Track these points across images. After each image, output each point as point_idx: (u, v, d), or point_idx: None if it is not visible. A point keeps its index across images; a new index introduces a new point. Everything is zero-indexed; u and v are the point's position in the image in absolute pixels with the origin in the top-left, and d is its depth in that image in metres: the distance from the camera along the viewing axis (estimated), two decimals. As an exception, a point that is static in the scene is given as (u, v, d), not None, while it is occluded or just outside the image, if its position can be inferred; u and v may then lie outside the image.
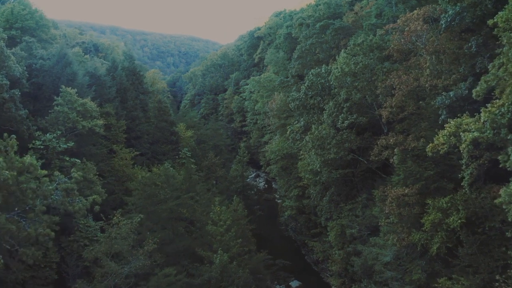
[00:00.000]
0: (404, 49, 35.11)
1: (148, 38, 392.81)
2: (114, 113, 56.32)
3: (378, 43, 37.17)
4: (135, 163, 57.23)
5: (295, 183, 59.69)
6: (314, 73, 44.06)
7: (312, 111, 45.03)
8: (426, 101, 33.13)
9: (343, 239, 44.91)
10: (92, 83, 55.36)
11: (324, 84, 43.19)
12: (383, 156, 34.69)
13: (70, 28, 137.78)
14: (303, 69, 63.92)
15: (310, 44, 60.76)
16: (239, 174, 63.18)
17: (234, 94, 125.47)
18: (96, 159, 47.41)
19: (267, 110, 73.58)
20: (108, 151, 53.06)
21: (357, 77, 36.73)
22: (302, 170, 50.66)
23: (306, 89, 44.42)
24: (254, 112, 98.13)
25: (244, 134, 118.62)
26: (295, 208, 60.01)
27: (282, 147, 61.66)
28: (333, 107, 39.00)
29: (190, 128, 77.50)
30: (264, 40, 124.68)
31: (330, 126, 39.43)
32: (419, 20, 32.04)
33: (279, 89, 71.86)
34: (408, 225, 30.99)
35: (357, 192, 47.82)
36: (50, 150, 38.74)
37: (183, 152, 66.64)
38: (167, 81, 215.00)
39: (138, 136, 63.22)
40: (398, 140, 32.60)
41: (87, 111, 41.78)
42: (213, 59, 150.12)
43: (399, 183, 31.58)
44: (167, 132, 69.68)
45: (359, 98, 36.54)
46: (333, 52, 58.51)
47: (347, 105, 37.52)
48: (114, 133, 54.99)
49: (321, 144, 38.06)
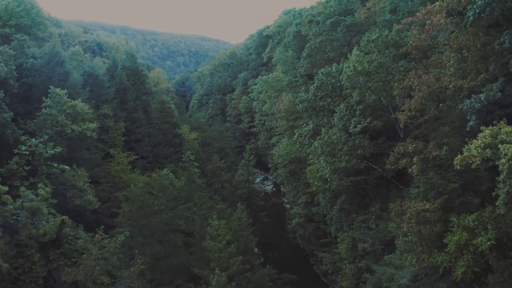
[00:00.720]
0: (424, 45, 31.46)
1: (159, 38, 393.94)
2: (112, 114, 53.46)
3: (394, 40, 33.56)
4: (134, 167, 54.32)
5: (303, 189, 56.27)
6: (324, 72, 40.58)
7: (321, 114, 41.61)
8: (447, 104, 29.56)
9: (354, 252, 41.40)
10: (89, 83, 52.71)
11: (334, 84, 39.70)
12: (400, 165, 31.11)
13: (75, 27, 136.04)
14: (313, 68, 60.42)
15: (320, 42, 57.21)
16: (244, 179, 59.85)
17: (242, 94, 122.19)
18: (90, 164, 44.53)
19: (275, 112, 70.18)
20: (104, 155, 50.22)
21: (371, 76, 33.19)
22: (311, 177, 47.23)
23: (315, 90, 40.96)
24: (262, 113, 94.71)
25: (252, 135, 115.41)
26: (304, 216, 56.62)
27: (290, 150, 58.25)
28: (344, 109, 35.49)
29: (195, 130, 74.31)
30: (273, 38, 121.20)
31: (341, 130, 35.94)
32: (442, 13, 28.39)
33: (287, 89, 68.37)
34: (428, 245, 27.40)
35: (369, 201, 44.25)
36: (37, 156, 35.78)
37: (186, 156, 63.42)
38: (177, 81, 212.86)
39: (138, 138, 60.28)
40: (417, 147, 28.99)
41: (78, 114, 38.75)
42: (221, 59, 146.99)
43: (418, 197, 28.01)
44: (170, 134, 66.60)
45: (374, 100, 33.02)
46: (345, 50, 54.97)
47: (360, 107, 33.99)
48: (112, 136, 52.11)
49: (331, 150, 34.59)
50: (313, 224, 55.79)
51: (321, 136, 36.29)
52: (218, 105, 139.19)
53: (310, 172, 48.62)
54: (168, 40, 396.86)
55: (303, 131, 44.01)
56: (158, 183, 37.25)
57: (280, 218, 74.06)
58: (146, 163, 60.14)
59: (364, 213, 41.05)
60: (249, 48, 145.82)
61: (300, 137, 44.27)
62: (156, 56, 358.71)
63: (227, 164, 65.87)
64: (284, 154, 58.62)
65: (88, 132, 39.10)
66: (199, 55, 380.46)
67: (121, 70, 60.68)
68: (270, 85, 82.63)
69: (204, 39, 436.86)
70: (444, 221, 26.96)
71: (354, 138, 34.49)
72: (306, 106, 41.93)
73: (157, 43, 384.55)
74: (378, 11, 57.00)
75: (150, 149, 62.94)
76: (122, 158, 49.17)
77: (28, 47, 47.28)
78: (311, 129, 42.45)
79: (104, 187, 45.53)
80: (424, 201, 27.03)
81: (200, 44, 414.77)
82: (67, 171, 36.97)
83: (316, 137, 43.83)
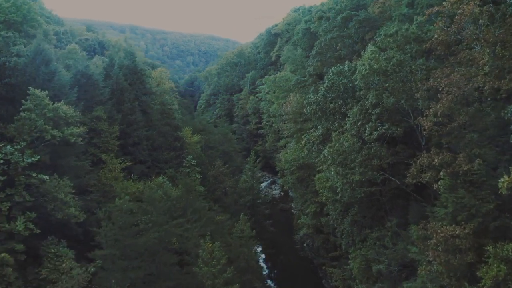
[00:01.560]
0: (451, 40, 27.04)
1: (168, 37, 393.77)
2: (106, 117, 49.63)
3: (415, 34, 29.15)
4: (131, 173, 50.52)
5: (311, 197, 52.00)
6: (335, 71, 36.30)
7: (332, 117, 37.30)
8: (478, 108, 25.20)
9: (367, 273, 37.03)
10: (82, 83, 49.04)
11: (347, 84, 35.41)
12: (423, 179, 26.73)
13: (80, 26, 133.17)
14: (322, 67, 56.10)
15: (330, 39, 52.88)
16: (249, 186, 55.71)
17: (249, 94, 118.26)
18: (78, 172, 40.72)
19: (282, 113, 66.00)
20: (96, 161, 46.42)
21: (389, 76, 28.85)
22: (320, 186, 43.02)
23: (325, 91, 36.66)
24: (269, 114, 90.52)
25: (259, 137, 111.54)
26: (312, 227, 52.41)
27: (297, 155, 53.97)
28: (358, 113, 31.17)
29: (199, 132, 70.24)
30: (281, 37, 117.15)
31: (354, 136, 31.59)
32: (475, 1, 23.95)
33: (295, 89, 64.07)
34: (457, 276, 23.06)
35: (385, 213, 39.90)
36: (13, 165, 32.01)
37: (187, 160, 59.55)
38: (185, 81, 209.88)
39: (136, 142, 56.31)
40: (444, 159, 24.57)
41: (60, 118, 34.93)
42: (229, 58, 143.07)
43: (446, 218, 23.67)
44: (170, 137, 62.71)
45: (392, 102, 28.63)
46: (357, 47, 50.65)
47: (376, 111, 29.66)
48: (105, 140, 48.21)
49: (343, 160, 30.33)
50: (322, 236, 51.55)
51: (331, 144, 31.97)
52: (226, 106, 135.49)
53: (319, 181, 44.42)
54: (178, 39, 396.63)
55: (311, 137, 39.77)
56: (147, 196, 33.21)
57: (288, 226, 69.96)
58: (144, 168, 56.22)
59: (379, 229, 36.77)
60: (257, 47, 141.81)
61: (308, 143, 39.97)
62: (166, 56, 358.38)
63: (230, 169, 61.75)
64: (291, 159, 54.42)
65: (71, 138, 35.16)
66: (209, 54, 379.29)
67: (118, 69, 56.87)
68: (277, 85, 78.43)
69: (214, 39, 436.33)
70: (477, 248, 22.65)
71: (369, 147, 30.16)
72: (315, 108, 37.66)
73: (166, 43, 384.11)
74: (393, 5, 52.56)
75: (149, 153, 59.03)
76: (115, 165, 45.24)
77: (14, 45, 43.76)
78: (320, 134, 38.20)
79: (93, 196, 41.68)
80: (453, 225, 22.69)
81: (209, 44, 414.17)
82: (47, 182, 33.11)
83: (326, 143, 39.71)
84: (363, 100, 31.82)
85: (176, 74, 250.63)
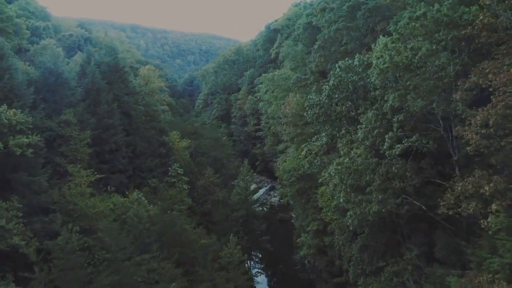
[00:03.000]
0: (500, 24, 20.13)
1: (169, 36, 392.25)
2: (77, 121, 42.89)
3: (450, 17, 22.18)
4: (108, 184, 43.87)
5: (313, 213, 45.16)
6: (343, 66, 29.42)
7: (338, 123, 30.38)
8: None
9: (383, 314, 30.28)
10: (50, 82, 42.66)
11: (357, 83, 28.52)
12: (463, 211, 19.80)
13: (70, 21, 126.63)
14: (326, 64, 49.11)
15: (335, 31, 45.89)
16: (242, 199, 48.80)
17: (248, 94, 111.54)
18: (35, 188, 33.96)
19: (281, 116, 59.10)
20: (63, 174, 39.71)
21: (416, 71, 21.91)
22: (324, 204, 36.21)
23: (331, 90, 29.77)
24: (268, 115, 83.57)
25: (258, 139, 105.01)
26: (314, 247, 45.53)
27: (297, 164, 47.01)
28: (373, 119, 24.26)
29: (189, 136, 63.28)
30: (281, 33, 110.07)
31: (368, 149, 24.66)
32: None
33: (295, 89, 57.07)
34: None
35: (401, 238, 33.03)
36: None
37: (173, 169, 52.78)
38: (185, 80, 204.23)
39: (114, 149, 49.42)
40: (498, 187, 17.65)
41: (3, 125, 28.15)
42: (226, 55, 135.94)
43: (502, 272, 16.79)
44: (155, 142, 55.81)
45: (421, 106, 21.68)
46: (367, 40, 43.71)
47: (399, 117, 22.73)
48: (74, 148, 41.43)
49: (355, 182, 23.34)
50: (326, 258, 44.73)
51: (339, 160, 24.97)
52: (223, 106, 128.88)
53: (322, 197, 37.64)
54: (179, 38, 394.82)
55: (313, 146, 32.83)
56: (103, 227, 26.34)
57: (287, 238, 63.09)
58: (123, 178, 49.40)
59: (396, 261, 29.89)
60: (256, 44, 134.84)
61: (310, 154, 33.03)
62: (166, 55, 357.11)
63: (222, 179, 54.84)
64: (290, 169, 47.52)
65: (17, 150, 28.37)
66: (210, 53, 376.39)
67: (94, 67, 49.93)
68: (276, 84, 71.39)
69: (215, 38, 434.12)
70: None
71: (389, 163, 23.20)
72: (318, 112, 30.67)
73: (167, 42, 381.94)
74: (408, -9, 45.50)
75: (130, 161, 52.20)
76: (82, 178, 38.43)
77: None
78: (324, 143, 31.24)
79: (52, 217, 34.86)
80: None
81: (210, 43, 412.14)
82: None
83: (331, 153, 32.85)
84: (380, 102, 24.87)
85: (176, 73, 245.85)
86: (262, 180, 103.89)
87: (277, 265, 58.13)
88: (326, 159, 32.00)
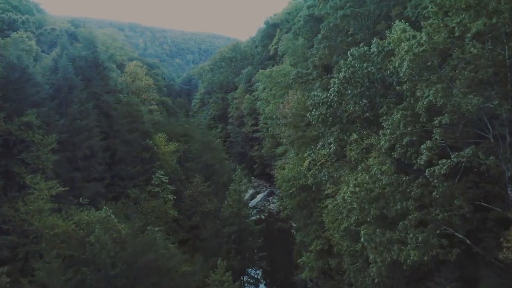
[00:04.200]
0: None
1: (168, 35, 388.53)
2: (41, 123, 36.67)
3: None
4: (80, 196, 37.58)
5: (317, 230, 38.79)
6: (357, 54, 22.91)
7: (350, 127, 23.97)
8: None
9: None
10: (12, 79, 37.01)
11: (374, 75, 22.12)
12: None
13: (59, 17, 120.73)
14: (331, 56, 42.71)
15: (341, 17, 39.50)
16: (234, 213, 42.41)
17: (245, 93, 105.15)
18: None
19: (279, 117, 52.77)
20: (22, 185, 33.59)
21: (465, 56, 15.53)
22: (330, 225, 29.86)
23: (341, 85, 23.27)
24: (266, 115, 77.14)
25: (256, 141, 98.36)
26: (317, 270, 39.19)
27: (298, 172, 40.66)
28: (402, 124, 17.76)
29: (178, 139, 56.83)
30: (281, 28, 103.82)
31: (395, 164, 18.21)
32: None
33: (295, 85, 50.59)
34: None
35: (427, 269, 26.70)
36: None
37: (157, 177, 46.57)
38: (183, 79, 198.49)
39: (88, 155, 43.14)
40: None
41: None
42: (223, 52, 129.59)
43: None
44: (137, 146, 49.53)
45: (476, 105, 15.29)
46: (379, 27, 37.39)
47: (443, 120, 16.28)
48: (35, 155, 35.16)
49: (379, 214, 16.90)
50: (332, 283, 38.32)
51: (357, 181, 18.46)
52: (220, 105, 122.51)
53: (327, 214, 31.31)
54: (178, 37, 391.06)
55: (317, 157, 26.39)
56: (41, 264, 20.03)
57: (287, 253, 56.82)
58: (100, 188, 43.23)
59: (425, 300, 23.58)
60: (254, 41, 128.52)
61: (314, 165, 26.59)
62: (165, 54, 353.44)
63: (213, 188, 48.44)
64: (290, 178, 41.20)
65: None
66: (209, 52, 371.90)
67: (66, 60, 43.70)
68: (274, 81, 64.99)
69: (215, 37, 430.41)
70: None
71: (424, 183, 16.78)
72: (325, 113, 24.14)
73: (166, 41, 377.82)
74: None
75: (108, 168, 46.06)
76: (41, 191, 32.15)
77: None
78: (332, 151, 24.78)
79: (2, 240, 28.74)
80: None
81: (210, 42, 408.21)
82: None
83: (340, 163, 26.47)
84: (409, 99, 18.45)
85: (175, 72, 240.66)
86: (260, 184, 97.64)
87: (275, 277, 51.93)
88: (334, 170, 25.60)
